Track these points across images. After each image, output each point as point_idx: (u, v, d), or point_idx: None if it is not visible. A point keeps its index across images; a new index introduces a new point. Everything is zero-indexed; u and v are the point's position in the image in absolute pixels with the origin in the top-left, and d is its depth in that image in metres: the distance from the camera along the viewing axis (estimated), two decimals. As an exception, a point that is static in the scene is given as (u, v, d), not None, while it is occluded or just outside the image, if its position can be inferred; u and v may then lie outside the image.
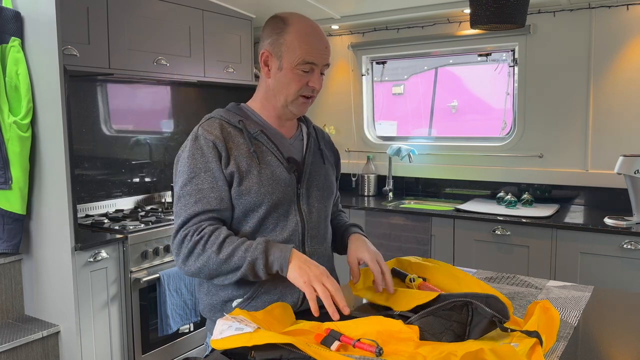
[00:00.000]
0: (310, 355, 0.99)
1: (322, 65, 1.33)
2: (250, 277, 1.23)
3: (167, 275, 2.61)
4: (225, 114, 1.37)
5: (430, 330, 1.07)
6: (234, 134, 1.33)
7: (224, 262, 1.22)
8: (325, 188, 1.45)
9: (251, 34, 3.55)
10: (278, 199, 1.32)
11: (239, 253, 1.21)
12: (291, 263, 1.19)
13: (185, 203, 1.28)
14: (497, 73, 3.46)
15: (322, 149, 1.49)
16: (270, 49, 1.34)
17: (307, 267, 1.19)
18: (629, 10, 2.85)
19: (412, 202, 3.55)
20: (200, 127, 1.34)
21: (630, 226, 2.52)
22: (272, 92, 1.37)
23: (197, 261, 1.24)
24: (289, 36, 1.31)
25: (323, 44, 1.33)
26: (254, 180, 1.30)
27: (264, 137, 1.35)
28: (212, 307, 1.36)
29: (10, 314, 2.50)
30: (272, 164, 1.33)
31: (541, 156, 3.19)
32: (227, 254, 1.22)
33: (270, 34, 1.35)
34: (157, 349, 2.68)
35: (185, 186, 1.29)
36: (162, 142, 3.41)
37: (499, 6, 1.95)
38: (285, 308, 1.24)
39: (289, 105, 1.35)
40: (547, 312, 1.19)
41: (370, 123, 3.89)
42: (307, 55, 1.30)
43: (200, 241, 1.23)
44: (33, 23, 2.33)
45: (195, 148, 1.30)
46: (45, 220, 2.41)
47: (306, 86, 1.33)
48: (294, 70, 1.31)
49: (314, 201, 1.40)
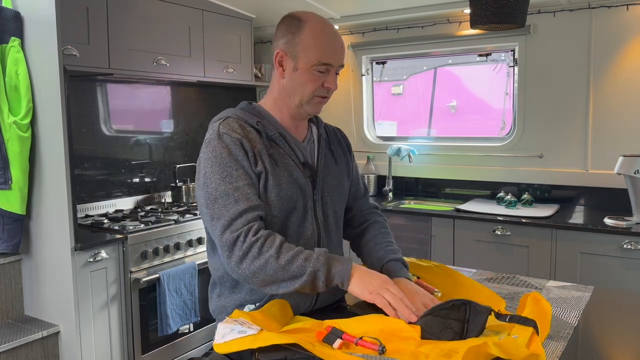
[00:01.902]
0: (314, 355, 0.99)
1: (337, 66, 1.31)
2: (308, 288, 1.18)
3: (167, 276, 2.61)
4: (241, 114, 1.32)
5: (430, 329, 1.08)
6: (252, 135, 1.29)
7: (282, 267, 1.16)
8: (337, 192, 1.42)
9: (251, 34, 3.55)
10: (296, 204, 1.30)
11: (299, 261, 1.17)
12: (353, 277, 1.18)
13: (224, 204, 1.21)
14: (495, 73, 3.46)
15: (334, 149, 1.46)
16: (285, 49, 1.31)
17: (369, 278, 1.18)
18: (629, 10, 2.85)
19: (412, 202, 3.55)
20: (220, 125, 1.28)
21: (630, 226, 2.52)
22: (286, 92, 1.33)
23: (253, 264, 1.17)
24: (305, 36, 1.28)
25: (339, 44, 1.31)
26: (274, 182, 1.27)
27: (281, 140, 1.32)
28: (222, 309, 1.34)
29: (10, 314, 2.50)
30: (289, 167, 1.31)
31: (541, 156, 3.19)
32: (286, 260, 1.17)
33: (285, 33, 1.31)
34: (157, 349, 2.68)
35: (220, 186, 1.22)
36: (162, 142, 3.41)
37: (499, 6, 1.95)
38: (283, 305, 1.24)
39: (304, 105, 1.33)
40: (538, 304, 1.19)
41: (370, 123, 3.89)
42: (324, 56, 1.28)
43: (256, 243, 1.18)
44: (33, 23, 2.33)
45: (222, 147, 1.24)
46: (45, 221, 2.41)
47: (321, 87, 1.31)
48: (310, 70, 1.28)
49: (328, 207, 1.39)
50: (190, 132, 3.58)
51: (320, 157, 1.39)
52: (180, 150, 3.53)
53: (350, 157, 1.55)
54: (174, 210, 3.03)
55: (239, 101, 1.44)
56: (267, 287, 1.20)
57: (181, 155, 3.53)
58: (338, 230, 1.45)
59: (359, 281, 1.17)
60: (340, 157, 1.48)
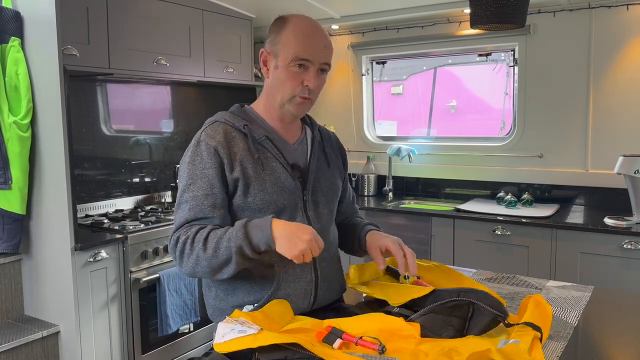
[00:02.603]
0: (314, 355, 0.99)
1: (318, 63, 1.29)
2: (247, 264, 1.22)
3: (167, 275, 2.61)
4: (230, 117, 1.34)
5: (431, 327, 1.08)
6: (238, 139, 1.30)
7: (212, 257, 1.21)
8: (330, 192, 1.43)
9: (251, 34, 3.55)
10: (283, 206, 1.31)
11: (223, 244, 1.20)
12: (276, 239, 1.17)
13: (181, 210, 1.29)
14: (495, 73, 3.46)
15: (327, 152, 1.46)
16: (269, 48, 1.33)
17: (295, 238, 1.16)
18: (629, 10, 2.85)
19: (412, 202, 3.55)
20: (204, 132, 1.32)
21: (630, 226, 2.52)
22: (271, 92, 1.34)
23: (189, 261, 1.24)
24: (286, 33, 1.29)
25: (320, 42, 1.30)
26: (259, 187, 1.28)
27: (268, 142, 1.32)
28: (221, 312, 1.34)
29: (10, 314, 2.50)
30: (276, 170, 1.31)
31: (541, 156, 3.19)
32: (212, 248, 1.21)
33: (270, 33, 1.34)
34: (157, 349, 2.68)
35: (184, 193, 1.30)
36: (162, 142, 3.41)
37: (499, 6, 1.95)
38: (283, 305, 1.24)
39: (286, 104, 1.32)
40: (540, 306, 1.19)
41: (370, 123, 3.89)
42: (301, 51, 1.27)
43: (187, 241, 1.24)
44: (33, 23, 2.33)
45: (196, 154, 1.29)
46: (45, 220, 2.41)
47: (302, 86, 1.29)
48: (288, 67, 1.28)
49: (320, 207, 1.39)
50: (190, 132, 3.58)
51: (312, 159, 1.40)
52: (180, 150, 3.53)
53: (344, 165, 1.56)
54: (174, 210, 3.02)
55: (239, 101, 1.44)
56: (215, 276, 1.25)
57: (181, 155, 3.50)
58: (332, 226, 1.45)
59: (284, 242, 1.17)
60: (333, 161, 1.48)
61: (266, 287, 1.29)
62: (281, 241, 1.17)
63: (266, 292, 1.28)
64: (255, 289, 1.29)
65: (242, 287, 1.31)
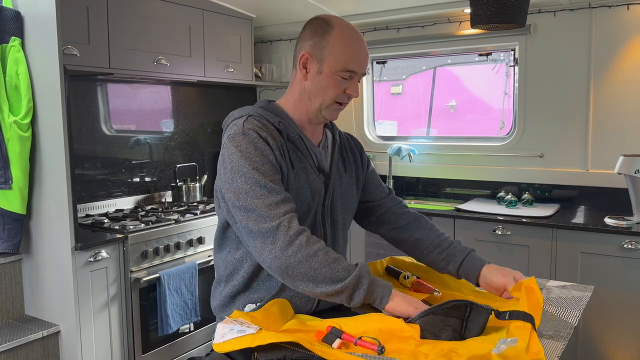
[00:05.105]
0: (313, 354, 0.99)
1: (360, 73, 1.30)
2: (345, 295, 1.13)
3: (167, 275, 2.61)
4: (263, 112, 1.31)
5: (430, 328, 1.08)
6: (275, 134, 1.27)
7: (329, 264, 1.13)
8: (346, 199, 1.42)
9: (251, 34, 3.55)
10: (309, 209, 1.29)
11: (344, 264, 1.14)
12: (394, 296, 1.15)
13: (257, 195, 1.17)
14: (494, 73, 3.46)
15: (345, 157, 1.45)
16: (311, 51, 1.29)
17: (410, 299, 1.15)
18: (629, 10, 2.85)
19: (413, 202, 3.55)
20: (245, 122, 1.25)
21: (630, 226, 2.51)
22: (307, 95, 1.32)
23: (300, 252, 1.13)
24: (333, 40, 1.27)
25: (365, 52, 1.31)
26: (291, 185, 1.26)
27: (300, 142, 1.31)
28: (223, 306, 1.34)
29: (10, 314, 2.50)
30: (307, 170, 1.30)
31: (541, 156, 3.18)
32: (334, 258, 1.14)
33: (312, 35, 1.30)
34: (157, 349, 2.68)
35: (250, 179, 1.18)
36: (162, 142, 3.42)
37: (499, 6, 1.95)
38: (283, 305, 1.24)
39: (322, 110, 1.31)
40: (532, 294, 1.20)
41: (370, 123, 3.89)
42: (350, 62, 1.27)
43: (303, 232, 1.15)
44: (33, 23, 2.33)
45: (247, 142, 1.21)
46: (45, 220, 2.41)
47: (343, 93, 1.30)
48: (334, 76, 1.27)
49: (337, 214, 1.38)
50: (190, 131, 3.58)
51: (333, 163, 1.39)
52: (181, 150, 3.53)
53: (362, 167, 1.52)
54: (174, 210, 3.03)
55: (239, 101, 1.44)
56: (302, 283, 1.14)
57: (181, 155, 3.53)
58: (344, 237, 1.44)
59: (401, 300, 1.14)
60: (350, 166, 1.46)
61: (271, 288, 1.29)
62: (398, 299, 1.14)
63: (271, 292, 1.29)
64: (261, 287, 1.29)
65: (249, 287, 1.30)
